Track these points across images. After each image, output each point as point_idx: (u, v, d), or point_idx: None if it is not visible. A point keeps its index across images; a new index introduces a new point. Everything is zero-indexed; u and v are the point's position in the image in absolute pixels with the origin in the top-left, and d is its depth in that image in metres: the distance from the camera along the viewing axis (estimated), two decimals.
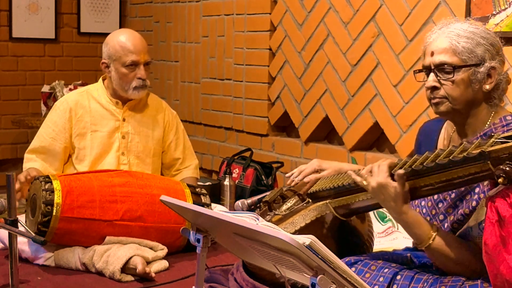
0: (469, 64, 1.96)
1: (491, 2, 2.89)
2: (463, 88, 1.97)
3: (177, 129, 3.35)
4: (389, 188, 1.93)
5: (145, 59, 3.12)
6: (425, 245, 1.92)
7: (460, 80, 1.97)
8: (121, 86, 3.14)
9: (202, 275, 1.77)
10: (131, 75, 3.11)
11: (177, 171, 3.35)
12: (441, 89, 1.99)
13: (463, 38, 1.96)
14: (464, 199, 1.96)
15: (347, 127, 3.68)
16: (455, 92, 1.98)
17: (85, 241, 2.80)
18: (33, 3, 5.08)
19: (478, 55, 1.96)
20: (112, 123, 3.19)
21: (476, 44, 1.96)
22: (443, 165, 1.82)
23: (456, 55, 1.96)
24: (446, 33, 1.99)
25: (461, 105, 1.99)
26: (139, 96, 3.17)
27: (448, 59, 1.97)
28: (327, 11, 3.73)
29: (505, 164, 1.64)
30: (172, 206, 1.75)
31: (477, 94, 1.98)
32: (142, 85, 3.13)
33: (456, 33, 1.97)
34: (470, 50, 1.96)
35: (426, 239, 1.92)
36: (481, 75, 1.96)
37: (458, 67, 1.96)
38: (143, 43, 3.16)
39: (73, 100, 3.19)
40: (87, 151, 3.14)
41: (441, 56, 1.98)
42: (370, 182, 1.97)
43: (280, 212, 2.43)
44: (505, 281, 1.66)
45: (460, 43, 1.96)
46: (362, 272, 2.02)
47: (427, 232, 1.92)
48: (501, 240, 1.66)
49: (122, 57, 3.09)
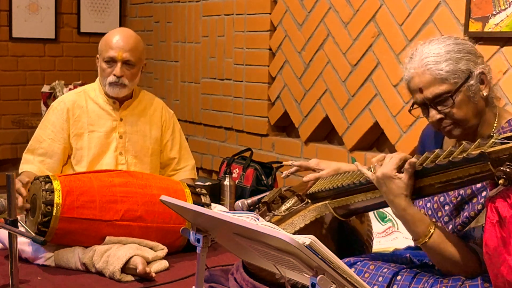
0: (460, 83, 1.94)
1: (491, 2, 2.89)
2: (466, 106, 1.96)
3: (174, 129, 3.35)
4: (393, 181, 1.92)
5: (123, 57, 3.07)
6: (421, 242, 1.92)
7: (460, 101, 1.95)
8: (101, 82, 3.15)
9: (202, 275, 1.77)
10: (108, 71, 3.09)
11: (174, 172, 3.34)
12: (446, 118, 1.98)
13: (442, 63, 1.94)
14: (470, 202, 1.95)
15: (347, 127, 3.68)
16: (460, 115, 1.96)
17: (85, 241, 2.80)
18: (33, 3, 5.08)
19: (464, 70, 1.94)
20: (109, 123, 3.18)
21: (456, 61, 1.94)
22: (443, 166, 1.82)
23: (444, 82, 1.94)
24: (424, 66, 1.96)
25: (471, 122, 1.98)
26: (114, 93, 3.12)
27: (439, 90, 1.95)
28: (327, 11, 3.73)
29: (505, 165, 1.64)
30: (172, 206, 1.75)
31: (479, 103, 1.97)
32: (116, 82, 3.08)
33: (433, 61, 1.94)
34: (455, 70, 1.93)
35: (422, 236, 1.91)
36: (475, 86, 1.95)
37: (454, 92, 1.94)
38: (129, 42, 3.10)
39: (70, 100, 3.19)
40: (85, 151, 3.14)
41: (430, 90, 1.96)
42: (376, 172, 1.96)
43: (279, 213, 2.42)
44: (506, 282, 1.66)
45: (443, 69, 1.93)
46: (362, 272, 2.02)
47: (424, 229, 1.91)
48: (501, 241, 1.66)
49: (103, 52, 3.10)
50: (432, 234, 1.90)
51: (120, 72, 3.07)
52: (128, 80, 3.11)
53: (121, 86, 3.11)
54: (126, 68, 3.09)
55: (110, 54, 3.07)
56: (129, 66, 3.10)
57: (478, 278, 1.87)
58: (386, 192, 1.95)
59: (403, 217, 1.94)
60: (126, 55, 3.08)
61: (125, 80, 3.10)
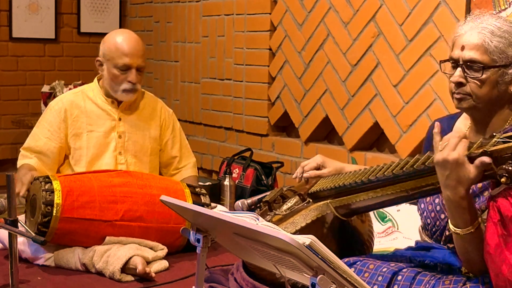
0: (498, 64, 1.91)
1: (491, 2, 2.89)
2: (489, 88, 1.93)
3: (174, 127, 3.35)
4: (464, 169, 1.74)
5: (138, 63, 3.08)
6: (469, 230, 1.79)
7: (487, 79, 1.92)
8: (111, 86, 3.13)
9: (202, 275, 1.77)
10: (121, 78, 3.09)
11: (176, 170, 3.35)
12: (466, 86, 1.95)
13: (496, 37, 1.91)
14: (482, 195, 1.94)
15: (347, 127, 3.68)
16: (480, 91, 1.94)
17: (85, 241, 2.80)
18: (33, 3, 5.08)
19: (509, 56, 1.92)
20: (108, 122, 3.18)
21: (509, 44, 1.92)
22: None
23: (487, 53, 1.91)
24: (480, 28, 1.93)
25: (483, 104, 1.95)
26: (127, 99, 3.14)
27: (478, 56, 1.92)
28: (327, 11, 3.73)
29: (508, 164, 1.64)
30: (172, 206, 1.75)
31: (503, 95, 1.95)
32: (131, 88, 3.10)
33: (490, 30, 1.92)
34: (502, 50, 1.91)
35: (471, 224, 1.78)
36: (509, 76, 1.93)
37: (488, 67, 1.91)
38: (139, 47, 3.12)
39: (68, 100, 3.18)
40: (83, 151, 3.13)
41: (471, 52, 1.93)
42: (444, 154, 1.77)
43: (280, 212, 2.42)
44: (507, 281, 1.66)
45: (493, 42, 1.91)
46: (361, 272, 2.02)
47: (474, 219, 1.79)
48: (503, 240, 1.66)
49: (116, 58, 3.08)
50: (480, 225, 1.80)
51: (137, 78, 3.09)
52: (139, 85, 3.15)
53: (135, 91, 3.13)
54: (138, 73, 3.12)
55: (125, 61, 3.06)
56: (140, 71, 3.13)
57: (479, 279, 1.87)
58: (448, 176, 1.77)
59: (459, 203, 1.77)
60: (140, 61, 3.10)
61: (138, 85, 3.13)
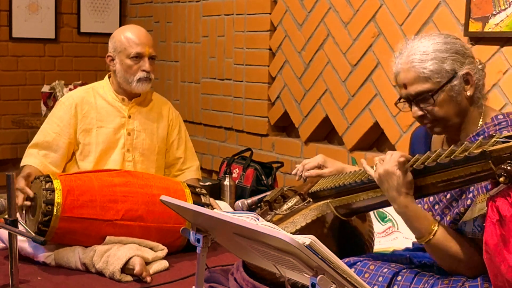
0: (443, 83, 1.96)
1: (491, 2, 2.89)
2: (447, 106, 1.99)
3: (180, 129, 3.36)
4: (394, 176, 1.91)
5: (149, 52, 3.14)
6: (426, 240, 1.91)
7: (441, 101, 1.98)
8: (125, 79, 3.15)
9: (202, 275, 1.77)
10: (135, 67, 3.12)
11: (179, 172, 3.35)
12: (427, 115, 2.01)
13: (427, 62, 1.96)
14: (460, 198, 1.97)
15: (347, 127, 3.68)
16: (441, 113, 1.99)
17: (85, 241, 2.80)
18: (33, 3, 5.08)
19: (448, 70, 1.96)
20: (118, 119, 3.19)
21: (441, 60, 1.96)
22: (445, 164, 1.83)
23: (427, 81, 1.97)
24: (410, 62, 1.99)
25: (453, 120, 2.01)
26: (143, 89, 3.16)
27: (422, 88, 1.98)
28: (327, 11, 3.73)
29: (506, 164, 1.65)
30: (172, 206, 1.75)
31: (462, 103, 2.00)
32: (146, 77, 3.13)
33: (418, 59, 1.97)
34: (438, 70, 1.96)
35: (426, 233, 1.91)
36: (458, 86, 1.98)
37: (436, 91, 1.97)
38: (149, 37, 3.19)
39: (79, 96, 3.20)
40: (92, 147, 3.14)
41: (413, 87, 1.99)
42: (378, 169, 1.96)
43: (280, 212, 2.43)
44: (505, 281, 1.66)
45: (427, 68, 1.96)
46: (362, 273, 2.02)
47: (428, 227, 1.91)
48: (501, 240, 1.66)
49: (127, 48, 3.12)
50: (436, 232, 1.90)
51: (149, 67, 3.13)
52: (153, 74, 3.18)
53: (149, 80, 3.17)
54: (151, 63, 3.16)
55: (138, 50, 3.11)
56: (153, 60, 3.18)
57: (478, 279, 1.87)
58: (388, 188, 1.94)
59: (406, 214, 1.93)
60: (152, 50, 3.16)
61: (151, 74, 3.17)
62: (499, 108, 2.85)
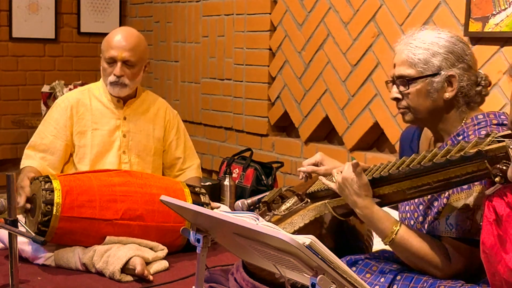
0: (424, 75, 2.00)
1: (491, 2, 2.89)
2: (421, 98, 2.03)
3: (178, 129, 3.35)
4: (351, 181, 1.99)
5: (122, 56, 3.06)
6: (388, 240, 1.97)
7: (416, 91, 2.02)
8: (103, 81, 3.16)
9: (202, 275, 1.77)
10: (108, 70, 3.10)
11: (180, 172, 3.34)
12: (403, 100, 2.06)
13: (420, 49, 2.00)
14: (439, 197, 2.00)
15: (347, 127, 3.68)
16: (413, 103, 2.04)
17: (85, 241, 2.80)
18: (33, 3, 5.08)
19: (435, 65, 1.99)
20: (113, 121, 3.19)
21: (432, 54, 1.99)
22: (440, 164, 1.83)
23: (412, 67, 2.02)
24: (407, 45, 2.04)
25: (423, 114, 2.05)
26: (115, 93, 3.13)
27: (404, 71, 2.03)
28: (327, 11, 3.73)
29: (502, 163, 1.65)
30: (172, 206, 1.75)
31: (437, 102, 2.02)
32: (116, 81, 3.09)
33: (414, 45, 2.02)
34: (426, 61, 2.00)
35: (389, 233, 1.96)
36: (438, 84, 2.00)
37: (414, 79, 2.01)
38: (130, 42, 3.10)
39: (74, 98, 3.19)
40: (87, 149, 3.14)
41: (400, 68, 2.05)
42: (337, 179, 2.05)
43: (279, 213, 2.43)
44: (503, 281, 1.66)
45: (416, 55, 2.00)
46: (363, 272, 2.03)
47: (390, 227, 1.97)
48: (498, 239, 1.66)
49: (104, 52, 3.12)
50: (398, 231, 1.95)
51: (120, 71, 3.07)
52: (128, 80, 3.11)
53: (122, 85, 3.11)
54: (126, 67, 3.09)
55: (111, 53, 3.08)
56: (129, 65, 3.10)
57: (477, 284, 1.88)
58: (348, 194, 2.02)
59: (368, 216, 2.00)
60: (126, 54, 3.07)
61: (125, 79, 3.10)
62: (499, 108, 2.85)
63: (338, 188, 2.06)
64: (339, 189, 2.05)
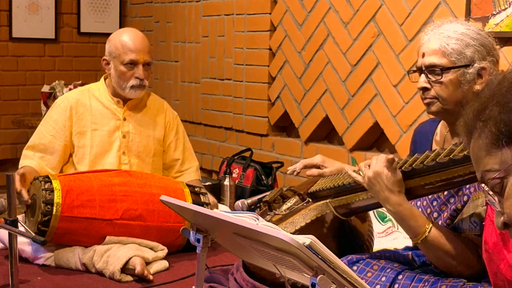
0: (458, 65, 1.98)
1: (491, 2, 2.89)
2: (452, 88, 2.00)
3: (178, 130, 3.35)
4: (384, 176, 1.93)
5: (144, 59, 3.10)
6: (420, 238, 1.92)
7: (449, 81, 2.00)
8: (118, 84, 3.13)
9: (202, 275, 1.77)
10: (129, 74, 3.09)
11: (178, 173, 3.34)
12: (431, 90, 2.03)
13: (453, 39, 1.99)
14: (456, 195, 1.98)
15: (347, 127, 3.68)
16: (444, 93, 2.01)
17: (85, 241, 2.80)
18: (33, 3, 5.08)
19: (468, 56, 1.98)
20: (113, 122, 3.18)
21: (466, 45, 1.99)
22: (444, 163, 1.83)
23: (445, 56, 1.99)
24: (437, 34, 2.02)
25: (451, 105, 2.02)
26: (136, 95, 3.15)
27: (437, 60, 2.00)
28: (327, 11, 3.73)
29: None
30: (172, 206, 1.75)
31: (467, 94, 2.00)
32: (139, 84, 3.10)
33: (447, 35, 2.00)
34: (459, 51, 1.98)
35: (421, 232, 1.91)
36: (471, 75, 1.99)
37: (447, 69, 1.99)
38: (145, 43, 3.14)
39: (74, 98, 3.19)
40: (87, 149, 3.14)
41: (431, 57, 2.01)
42: (367, 173, 1.97)
43: (280, 212, 2.42)
44: (505, 280, 1.66)
45: (450, 45, 1.99)
46: (364, 271, 2.03)
47: (422, 225, 1.91)
48: (501, 239, 1.66)
49: (122, 55, 3.09)
50: (431, 229, 1.91)
51: (144, 74, 3.10)
52: (147, 81, 3.15)
53: (143, 87, 3.14)
54: (145, 69, 3.12)
55: (132, 57, 3.07)
56: (148, 67, 3.13)
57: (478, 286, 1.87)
58: (379, 190, 1.95)
59: (400, 213, 1.94)
60: (147, 57, 3.11)
61: (145, 81, 3.13)
62: None
63: (367, 183, 1.98)
64: (369, 184, 1.98)
